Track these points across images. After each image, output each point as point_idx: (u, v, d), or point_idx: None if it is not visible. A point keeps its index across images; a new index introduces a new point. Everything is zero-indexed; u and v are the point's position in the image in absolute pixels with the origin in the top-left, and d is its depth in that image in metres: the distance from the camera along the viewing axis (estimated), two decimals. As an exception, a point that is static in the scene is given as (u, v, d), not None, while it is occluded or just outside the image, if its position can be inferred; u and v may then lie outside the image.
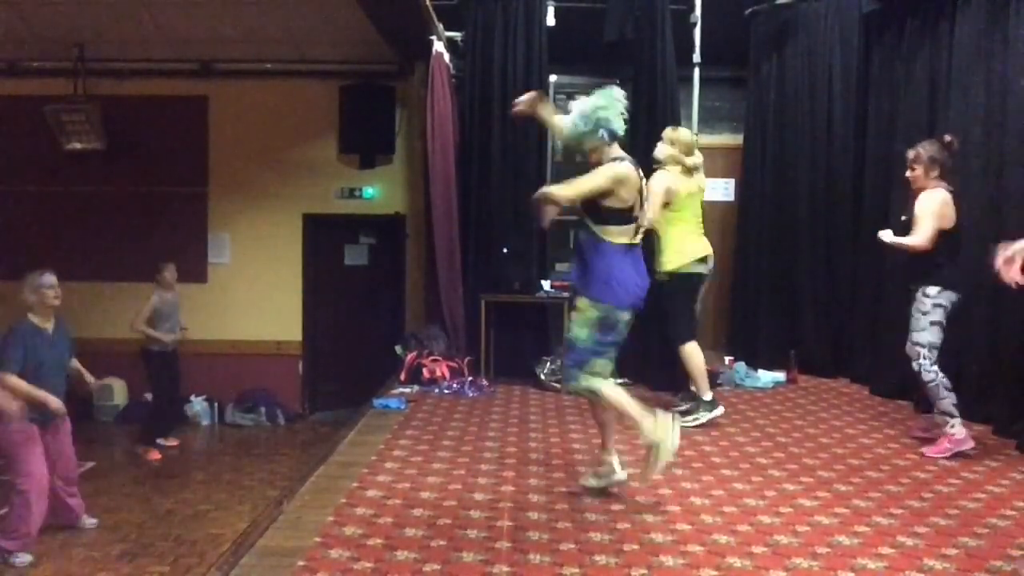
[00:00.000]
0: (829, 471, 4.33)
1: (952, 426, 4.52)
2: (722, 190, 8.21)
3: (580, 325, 3.75)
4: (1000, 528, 3.52)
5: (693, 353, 5.23)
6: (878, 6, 6.65)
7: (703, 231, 5.51)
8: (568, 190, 3.72)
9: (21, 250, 8.09)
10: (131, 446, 7.53)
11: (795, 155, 7.15)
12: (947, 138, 4.72)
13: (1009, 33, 5.23)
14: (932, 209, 4.51)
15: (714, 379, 6.56)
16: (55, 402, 4.94)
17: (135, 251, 8.50)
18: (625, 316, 3.75)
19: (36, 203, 8.67)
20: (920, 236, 4.49)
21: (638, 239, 3.83)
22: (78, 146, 8.34)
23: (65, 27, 7.85)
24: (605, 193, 3.68)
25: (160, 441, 7.49)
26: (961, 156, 5.31)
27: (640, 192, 3.78)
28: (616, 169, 3.70)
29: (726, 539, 3.35)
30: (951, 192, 4.58)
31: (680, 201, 5.29)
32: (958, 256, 4.60)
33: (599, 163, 3.76)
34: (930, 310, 4.52)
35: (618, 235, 3.73)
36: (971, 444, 4.55)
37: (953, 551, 3.25)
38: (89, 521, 5.49)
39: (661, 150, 5.36)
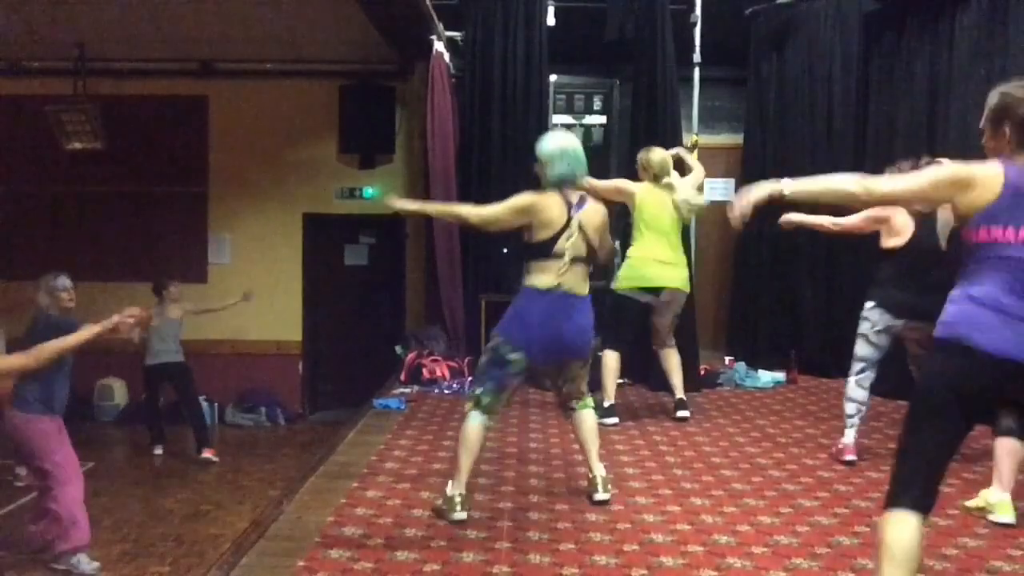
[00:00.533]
0: (829, 471, 4.33)
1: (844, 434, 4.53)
2: (722, 190, 8.21)
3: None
4: (1000, 528, 3.52)
5: (608, 361, 5.22)
6: (878, 6, 6.66)
7: (675, 256, 5.23)
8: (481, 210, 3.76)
9: (21, 250, 8.10)
10: (192, 452, 7.29)
11: (795, 155, 7.14)
12: (926, 160, 4.63)
13: (1009, 33, 5.24)
14: (883, 210, 4.42)
15: (714, 379, 6.58)
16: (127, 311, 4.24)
17: (135, 251, 8.51)
18: (514, 356, 3.58)
19: (36, 203, 8.67)
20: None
21: (567, 282, 3.60)
22: (78, 146, 8.32)
23: (65, 27, 7.84)
24: (524, 225, 3.65)
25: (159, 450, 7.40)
26: (961, 156, 5.29)
27: (571, 227, 3.62)
28: (522, 197, 3.66)
29: (726, 539, 3.35)
30: (920, 215, 4.35)
31: (643, 218, 5.19)
32: (909, 281, 4.32)
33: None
34: (861, 322, 4.50)
35: (536, 273, 3.62)
36: (849, 456, 4.45)
37: (953, 551, 3.25)
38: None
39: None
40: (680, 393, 5.40)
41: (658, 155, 5.32)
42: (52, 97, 8.31)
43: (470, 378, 6.40)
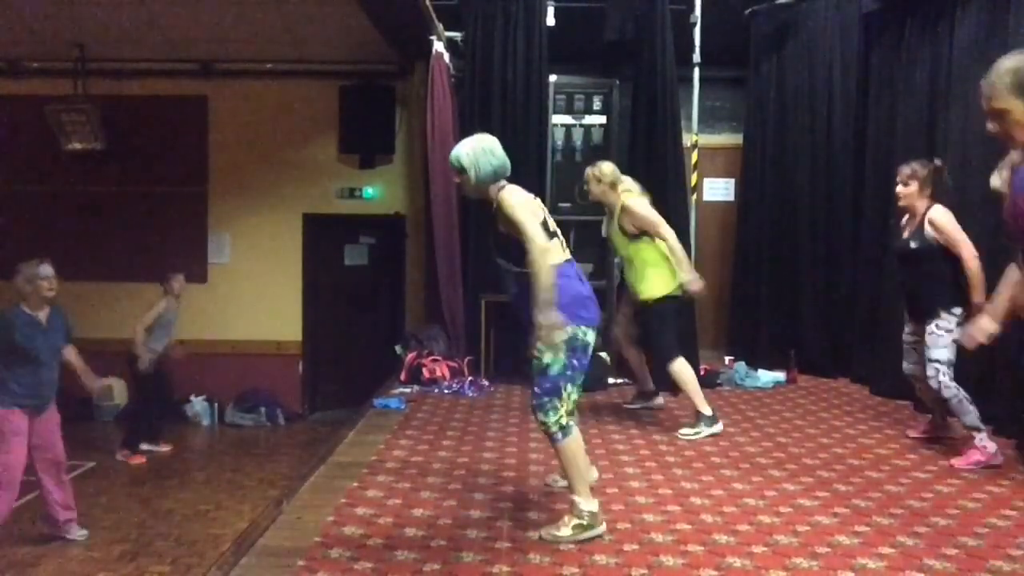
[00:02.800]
0: (829, 471, 4.33)
1: (980, 440, 4.38)
2: (722, 190, 8.22)
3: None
4: (1000, 528, 3.52)
5: (685, 369, 5.13)
6: (878, 6, 6.65)
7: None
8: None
9: (21, 250, 8.08)
10: (114, 452, 7.29)
11: (795, 155, 7.14)
12: (938, 163, 4.64)
13: (1009, 33, 5.22)
14: (957, 225, 4.43)
15: (714, 379, 6.58)
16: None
17: (135, 251, 8.52)
18: (591, 337, 3.43)
19: (36, 203, 8.68)
20: (972, 252, 4.37)
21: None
22: (78, 146, 8.34)
23: (65, 27, 7.85)
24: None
25: (149, 447, 7.37)
26: (960, 156, 5.32)
27: (543, 208, 3.65)
28: (517, 196, 3.54)
29: (726, 539, 3.35)
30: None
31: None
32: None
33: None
34: (953, 328, 4.40)
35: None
36: (1000, 459, 4.38)
37: (953, 551, 3.25)
38: (79, 532, 5.27)
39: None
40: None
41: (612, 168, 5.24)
42: (52, 97, 8.33)
43: (470, 378, 6.41)
